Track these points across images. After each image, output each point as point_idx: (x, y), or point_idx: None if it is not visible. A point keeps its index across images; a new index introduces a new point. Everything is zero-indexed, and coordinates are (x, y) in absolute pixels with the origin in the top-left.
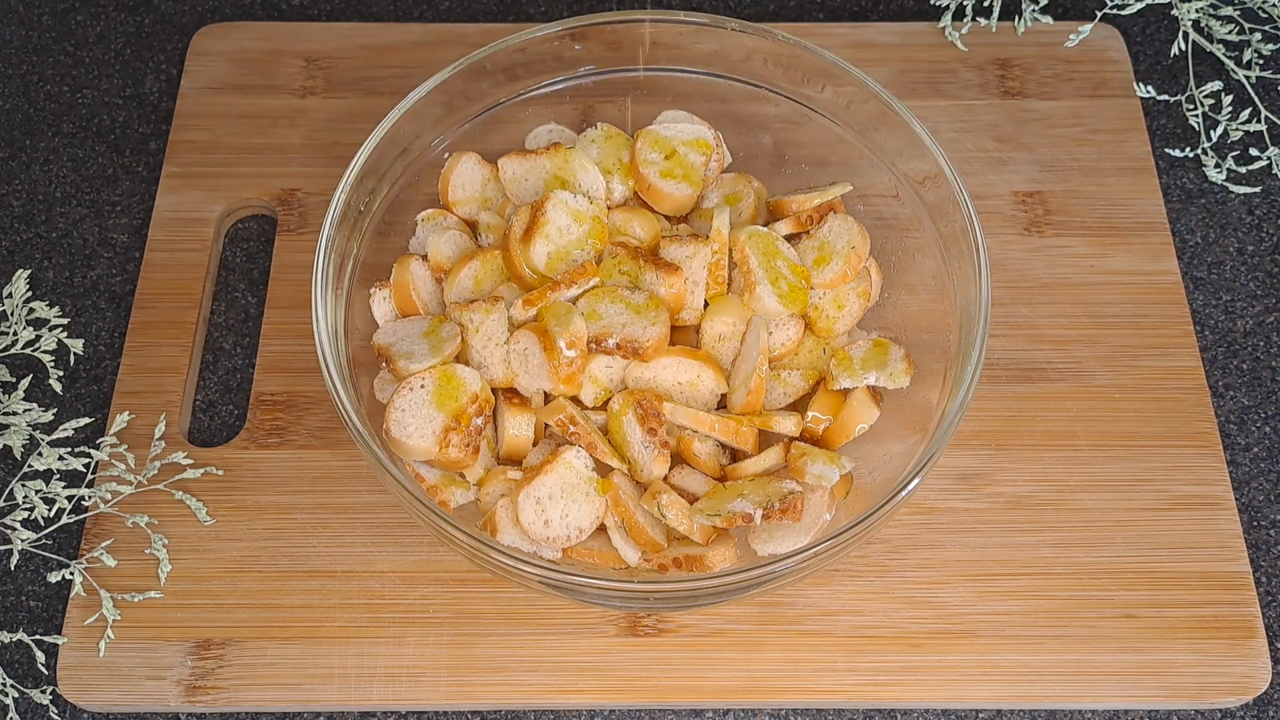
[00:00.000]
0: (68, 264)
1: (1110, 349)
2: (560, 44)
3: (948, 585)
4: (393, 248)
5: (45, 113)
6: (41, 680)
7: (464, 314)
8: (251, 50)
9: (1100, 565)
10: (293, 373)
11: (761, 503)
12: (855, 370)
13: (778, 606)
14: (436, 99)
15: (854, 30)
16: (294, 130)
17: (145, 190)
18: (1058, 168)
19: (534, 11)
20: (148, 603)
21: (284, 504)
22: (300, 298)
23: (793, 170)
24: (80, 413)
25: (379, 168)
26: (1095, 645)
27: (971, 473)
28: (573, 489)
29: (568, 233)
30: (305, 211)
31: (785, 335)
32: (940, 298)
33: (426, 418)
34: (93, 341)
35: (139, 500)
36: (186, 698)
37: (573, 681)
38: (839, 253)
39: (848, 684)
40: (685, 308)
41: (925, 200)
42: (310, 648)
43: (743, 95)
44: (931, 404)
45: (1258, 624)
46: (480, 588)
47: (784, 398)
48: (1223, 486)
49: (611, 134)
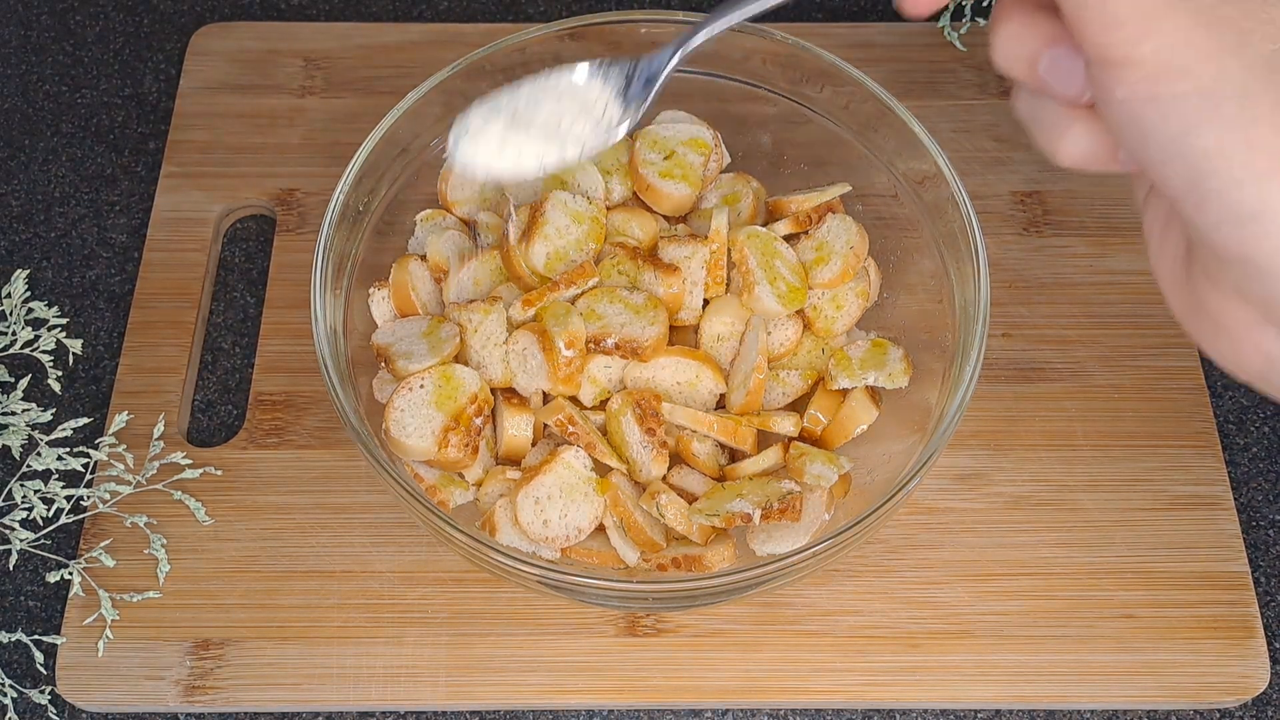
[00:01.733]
0: (66, 264)
1: (1109, 349)
2: (560, 44)
3: (946, 585)
4: (392, 248)
5: (44, 113)
6: (40, 680)
7: (463, 314)
8: (250, 50)
9: (1099, 565)
10: (292, 373)
11: (760, 503)
12: (854, 370)
13: (777, 606)
14: (435, 99)
15: (853, 30)
16: (293, 130)
17: (144, 190)
18: (1057, 168)
19: (533, 11)
20: (146, 603)
21: (283, 504)
22: (299, 298)
23: (791, 170)
24: (79, 413)
25: (378, 168)
26: (1094, 645)
27: (970, 473)
28: (572, 489)
29: (566, 233)
30: (304, 211)
31: (784, 335)
32: (939, 298)
33: (426, 418)
34: (91, 341)
35: (138, 500)
36: (185, 698)
37: (571, 681)
38: (838, 253)
39: (846, 684)
40: (684, 308)
41: (924, 200)
42: (309, 648)
43: (741, 95)
44: (930, 404)
45: (1256, 624)
46: (479, 588)
47: (783, 398)
48: (1222, 486)
49: None
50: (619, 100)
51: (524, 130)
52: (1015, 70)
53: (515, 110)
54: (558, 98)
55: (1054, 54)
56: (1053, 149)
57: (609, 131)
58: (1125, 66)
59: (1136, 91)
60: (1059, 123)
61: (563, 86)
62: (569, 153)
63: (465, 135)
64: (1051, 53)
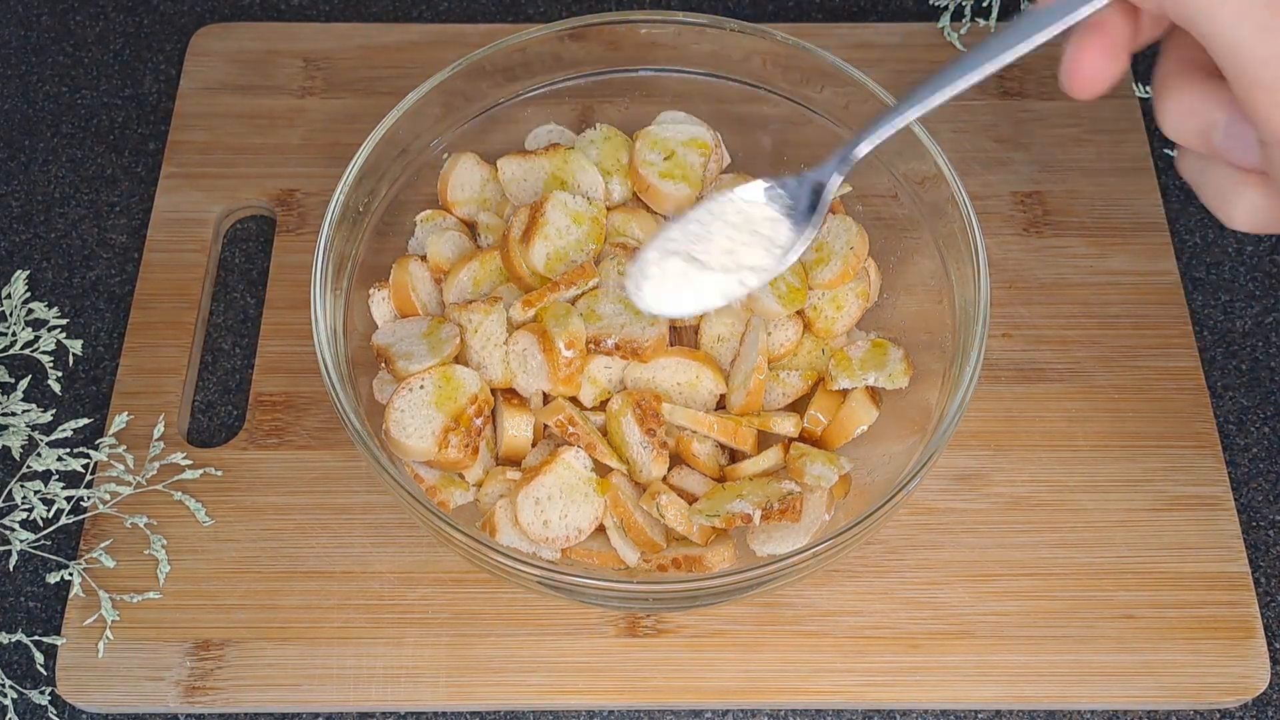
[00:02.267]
0: (66, 265)
1: (1109, 349)
2: (559, 44)
3: (946, 585)
4: (392, 248)
5: (44, 113)
6: (40, 681)
7: (463, 314)
8: (250, 51)
9: (1099, 565)
10: (292, 373)
11: (760, 503)
12: (854, 371)
13: (777, 607)
14: (435, 99)
15: (853, 30)
16: (293, 131)
17: (144, 191)
18: (1057, 168)
19: (533, 12)
20: (146, 603)
21: (283, 505)
22: (299, 298)
23: (792, 171)
24: (79, 413)
25: (378, 168)
26: (1094, 645)
27: (970, 473)
28: (572, 489)
29: (567, 234)
30: (304, 212)
31: (784, 336)
32: (939, 298)
33: (426, 418)
34: (91, 342)
35: (138, 501)
36: (185, 698)
37: (572, 682)
38: (838, 253)
39: (846, 684)
40: None
41: (924, 201)
42: (309, 648)
43: (742, 96)
44: (930, 404)
45: (1256, 624)
46: (479, 588)
47: (783, 398)
48: (1221, 487)
49: (611, 135)
50: (788, 221)
51: (701, 268)
52: (1187, 141)
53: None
54: (728, 226)
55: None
56: (1226, 213)
57: (783, 257)
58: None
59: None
60: (1233, 188)
61: (730, 214)
62: (750, 282)
63: (645, 279)
64: (1228, 123)
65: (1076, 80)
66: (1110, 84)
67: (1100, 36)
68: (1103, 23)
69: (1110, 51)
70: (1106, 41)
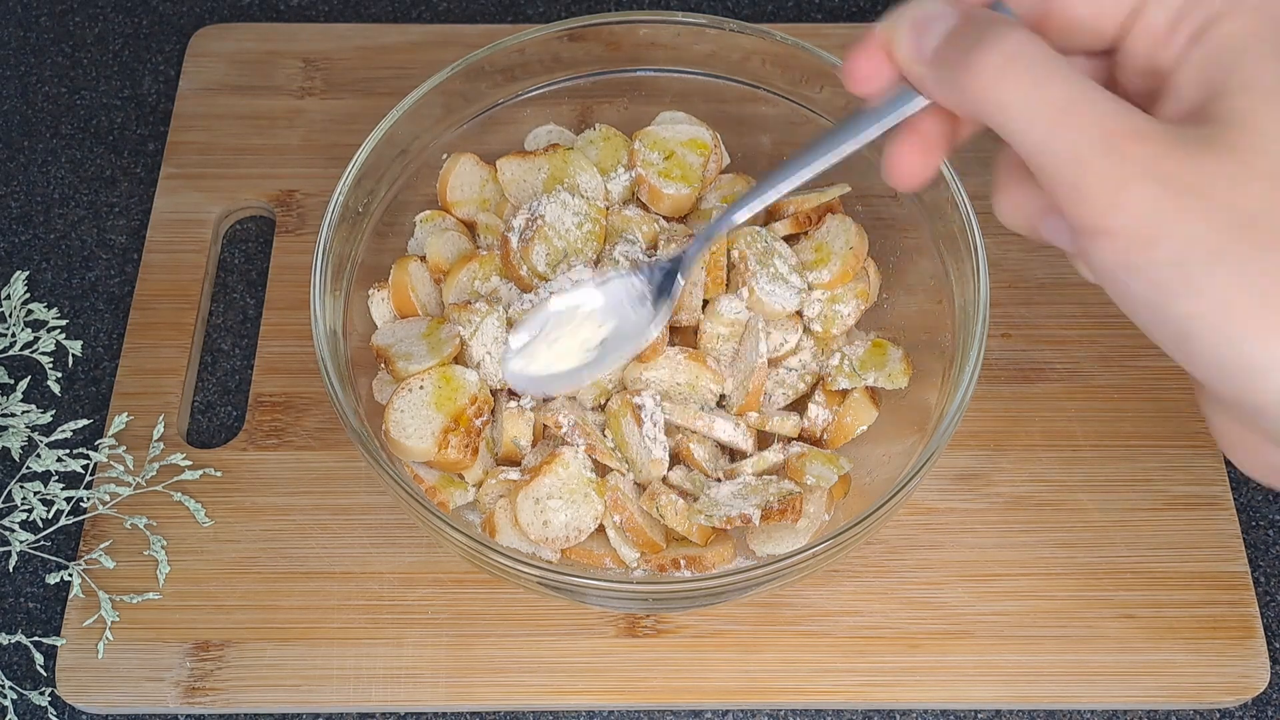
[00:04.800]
0: (66, 265)
1: (1109, 349)
2: (559, 45)
3: (946, 585)
4: (391, 249)
5: (43, 114)
6: (40, 682)
7: (462, 315)
8: (249, 51)
9: (1099, 565)
10: (291, 374)
11: (760, 503)
12: (854, 371)
13: (777, 607)
14: (435, 100)
15: (853, 30)
16: (292, 131)
17: (143, 192)
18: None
19: (533, 12)
20: (146, 604)
21: (282, 505)
22: (298, 299)
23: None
24: (79, 414)
25: (377, 169)
26: (1094, 645)
27: (970, 473)
28: (572, 490)
29: (567, 234)
30: (303, 213)
31: (784, 336)
32: (939, 298)
33: (425, 419)
34: (91, 343)
35: (137, 501)
36: (185, 699)
37: (572, 682)
38: (837, 253)
39: (846, 684)
40: (684, 308)
41: (923, 201)
42: (309, 649)
43: (741, 96)
44: (930, 404)
45: (1256, 624)
46: (479, 589)
47: (782, 398)
48: (1221, 486)
49: (610, 135)
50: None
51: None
52: (1020, 231)
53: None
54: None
55: (1052, 221)
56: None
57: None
58: (1100, 236)
59: (1114, 260)
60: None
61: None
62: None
63: (511, 354)
64: (1049, 220)
65: (894, 175)
66: (927, 178)
67: (915, 137)
68: (918, 125)
69: (923, 150)
70: (920, 142)
